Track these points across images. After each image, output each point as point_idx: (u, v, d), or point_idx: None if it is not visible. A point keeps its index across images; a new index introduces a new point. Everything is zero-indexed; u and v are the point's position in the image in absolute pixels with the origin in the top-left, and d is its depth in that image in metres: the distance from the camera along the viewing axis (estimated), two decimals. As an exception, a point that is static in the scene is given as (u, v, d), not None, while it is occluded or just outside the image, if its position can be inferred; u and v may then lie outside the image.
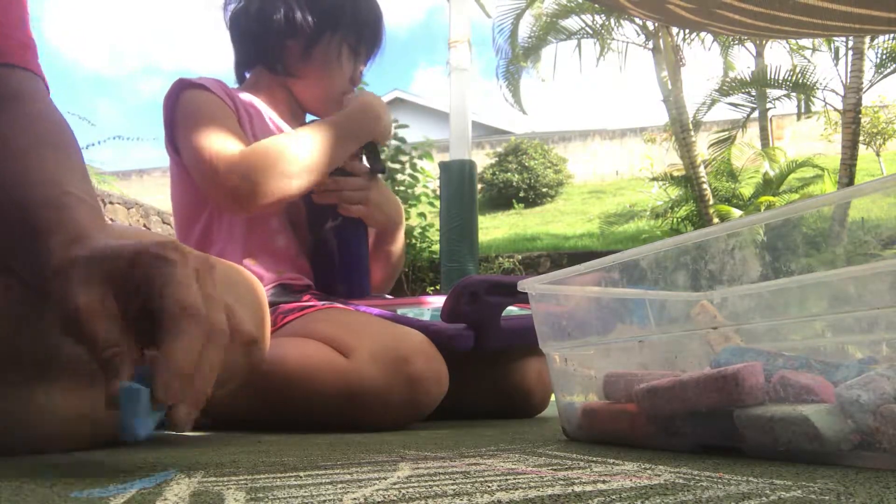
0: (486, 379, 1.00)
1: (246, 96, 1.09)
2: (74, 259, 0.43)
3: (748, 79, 6.52)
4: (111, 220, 3.92)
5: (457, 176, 4.56)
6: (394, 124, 5.40)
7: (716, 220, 6.22)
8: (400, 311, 0.99)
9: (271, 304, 0.91)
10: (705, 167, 6.65)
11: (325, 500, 0.30)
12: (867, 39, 5.35)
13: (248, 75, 1.17)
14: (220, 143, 0.94)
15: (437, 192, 5.27)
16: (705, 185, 6.43)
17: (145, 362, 0.40)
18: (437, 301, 1.04)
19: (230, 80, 1.16)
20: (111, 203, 4.09)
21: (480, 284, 0.86)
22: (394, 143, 5.36)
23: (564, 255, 6.49)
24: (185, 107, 1.00)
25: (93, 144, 4.99)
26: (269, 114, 1.10)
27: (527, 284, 0.62)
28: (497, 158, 11.11)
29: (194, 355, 0.39)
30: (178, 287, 0.40)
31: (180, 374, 0.38)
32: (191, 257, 0.43)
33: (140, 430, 0.38)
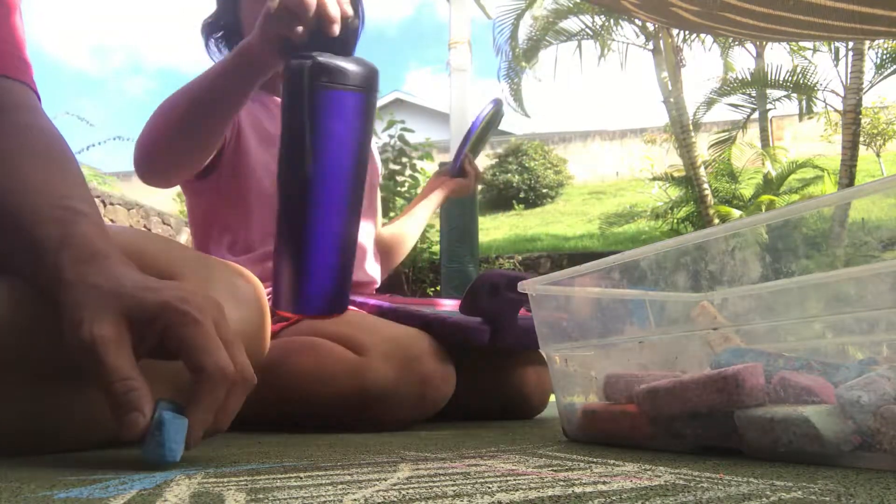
0: (487, 382, 1.01)
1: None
2: (92, 285, 0.44)
3: (748, 79, 6.51)
4: (111, 221, 3.91)
5: (457, 177, 4.53)
6: (398, 125, 5.37)
7: (716, 220, 6.22)
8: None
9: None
10: (705, 168, 6.64)
11: (325, 501, 0.30)
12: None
13: None
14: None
15: (438, 193, 5.23)
16: (705, 186, 6.42)
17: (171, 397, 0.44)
18: (449, 304, 1.04)
19: None
20: (111, 204, 4.09)
21: (501, 278, 0.86)
22: (398, 144, 5.34)
23: (565, 256, 6.49)
24: None
25: (93, 145, 5.03)
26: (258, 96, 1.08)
27: (527, 285, 0.62)
28: (497, 159, 11.10)
29: (217, 408, 0.44)
30: (206, 352, 0.43)
31: (206, 425, 0.43)
32: (208, 311, 0.45)
33: (179, 455, 0.42)
